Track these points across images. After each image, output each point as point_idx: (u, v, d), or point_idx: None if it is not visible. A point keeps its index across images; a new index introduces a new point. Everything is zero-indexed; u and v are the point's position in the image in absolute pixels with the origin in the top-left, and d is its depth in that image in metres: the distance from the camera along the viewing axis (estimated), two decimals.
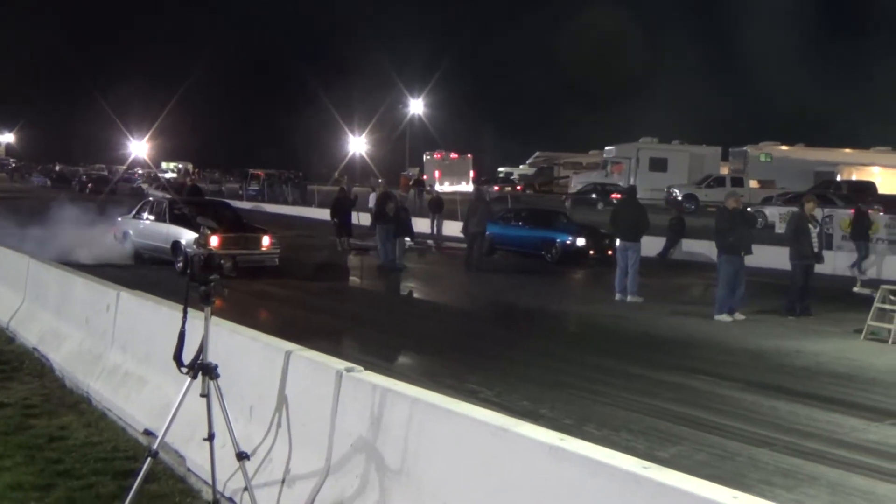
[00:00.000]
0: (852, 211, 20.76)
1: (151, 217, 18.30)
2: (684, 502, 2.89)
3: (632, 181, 39.22)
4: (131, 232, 18.89)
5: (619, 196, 31.75)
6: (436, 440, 4.02)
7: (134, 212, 19.34)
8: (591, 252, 20.25)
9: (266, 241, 17.20)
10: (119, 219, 20.04)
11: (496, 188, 47.94)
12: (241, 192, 46.08)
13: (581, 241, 20.62)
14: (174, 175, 54.70)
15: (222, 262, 4.70)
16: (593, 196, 40.20)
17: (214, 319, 4.90)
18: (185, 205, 18.55)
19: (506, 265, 20.76)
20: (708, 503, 2.82)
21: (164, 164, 72.46)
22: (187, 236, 16.49)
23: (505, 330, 11.89)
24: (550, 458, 3.40)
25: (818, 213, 14.30)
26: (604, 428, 7.06)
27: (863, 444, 6.90)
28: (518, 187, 49.29)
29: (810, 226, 13.51)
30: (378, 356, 9.91)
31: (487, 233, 22.47)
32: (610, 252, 18.69)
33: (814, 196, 15.19)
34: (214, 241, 15.71)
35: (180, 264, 16.38)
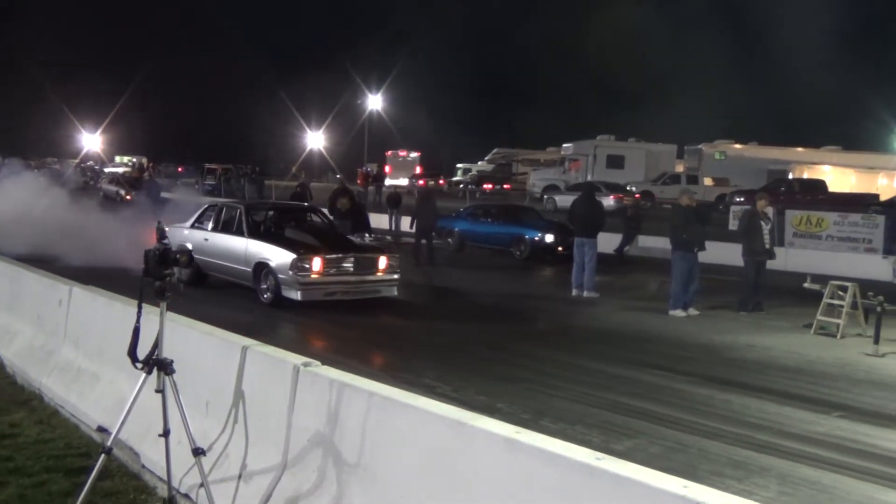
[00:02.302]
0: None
1: (220, 228, 14.07)
2: (636, 492, 2.95)
3: (589, 178, 39.58)
4: (189, 247, 13.72)
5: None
6: (393, 434, 4.05)
7: (193, 220, 14.90)
8: (560, 248, 20.34)
9: (383, 262, 13.05)
10: (169, 228, 16.56)
11: (441, 182, 49.57)
12: (196, 187, 45.54)
13: (550, 238, 20.70)
14: (128, 169, 53.84)
15: (178, 257, 4.66)
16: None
17: (170, 315, 4.86)
18: (264, 211, 14.83)
19: (472, 261, 20.81)
20: (659, 493, 2.89)
21: (118, 158, 71.32)
22: (278, 257, 12.46)
23: (462, 325, 11.94)
24: (506, 450, 3.44)
25: (770, 210, 14.52)
26: (560, 422, 7.14)
27: (811, 435, 7.06)
28: (488, 186, 49.40)
29: (762, 223, 13.74)
30: (336, 352, 9.91)
31: (457, 228, 22.54)
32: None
33: (765, 193, 15.44)
34: (317, 264, 12.26)
35: (268, 295, 12.63)
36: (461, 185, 51.73)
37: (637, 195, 36.10)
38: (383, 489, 3.99)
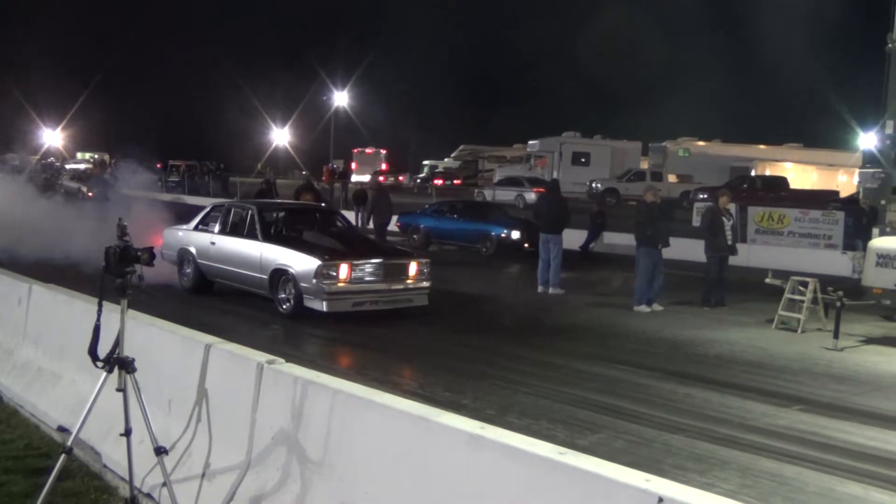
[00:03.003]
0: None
1: (228, 231, 12.81)
2: (599, 486, 2.98)
3: (555, 175, 39.75)
4: (194, 251, 13.21)
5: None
6: (357, 431, 4.04)
7: (197, 221, 13.63)
8: (526, 245, 20.37)
9: (413, 268, 11.95)
10: (167, 230, 14.42)
11: (400, 179, 51.21)
12: (160, 184, 45.08)
13: (516, 234, 20.73)
14: (89, 165, 53.07)
15: (140, 255, 4.61)
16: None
17: (131, 312, 4.82)
18: (277, 212, 13.37)
19: (437, 258, 20.77)
20: (621, 486, 2.91)
21: (79, 155, 70.31)
22: (300, 264, 11.21)
23: (427, 323, 11.93)
24: (470, 446, 3.45)
25: (732, 206, 14.69)
26: (525, 417, 7.17)
27: (772, 429, 7.15)
28: (457, 181, 49.60)
29: (724, 219, 13.89)
30: (301, 350, 9.87)
31: (422, 225, 22.51)
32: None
33: (727, 190, 15.62)
34: (343, 271, 11.14)
35: (288, 305, 11.45)
36: (416, 182, 52.23)
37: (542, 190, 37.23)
38: (348, 486, 3.98)
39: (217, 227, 13.03)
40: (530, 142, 49.10)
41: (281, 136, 59.31)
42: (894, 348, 10.82)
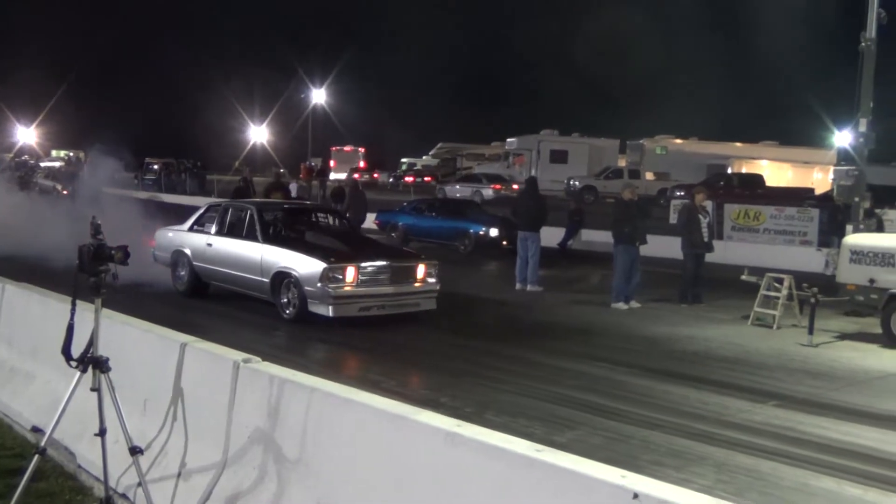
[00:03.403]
0: None
1: (226, 231, 12.35)
2: (576, 483, 2.98)
3: (533, 172, 39.84)
4: (189, 252, 12.72)
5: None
6: (334, 430, 4.03)
7: (191, 222, 13.16)
8: (505, 242, 20.38)
9: (421, 270, 11.48)
10: (160, 230, 13.88)
11: (375, 176, 52.60)
12: (136, 182, 44.75)
13: (494, 232, 20.74)
14: (63, 163, 52.53)
15: (113, 253, 4.56)
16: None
17: (106, 311, 4.77)
18: (277, 212, 12.83)
19: None
20: (598, 483, 2.92)
21: (54, 152, 69.59)
22: (305, 267, 10.72)
23: (406, 321, 11.91)
24: (447, 444, 3.45)
25: (708, 204, 14.78)
26: (503, 415, 7.17)
27: (748, 424, 7.21)
28: (427, 178, 49.76)
29: (700, 217, 13.97)
30: (277, 347, 9.83)
31: (400, 223, 22.48)
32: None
33: (703, 188, 15.71)
34: (350, 274, 10.69)
35: (291, 310, 10.97)
36: (390, 179, 52.59)
37: (515, 185, 39.39)
38: (325, 485, 3.97)
39: (214, 228, 12.57)
40: (508, 140, 49.26)
41: (259, 134, 59.05)
42: (868, 344, 10.93)
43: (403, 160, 62.40)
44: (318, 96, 55.65)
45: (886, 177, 26.09)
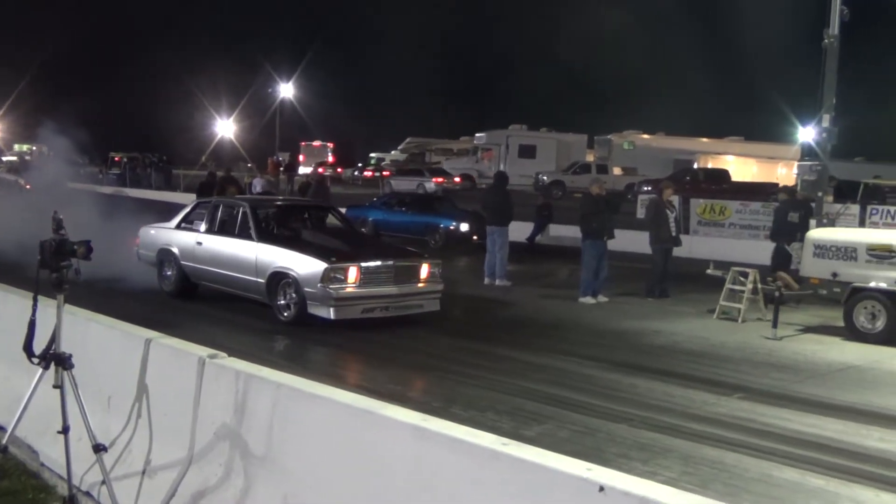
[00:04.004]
0: None
1: (216, 229, 11.83)
2: (542, 476, 3.00)
3: (502, 167, 39.94)
4: (177, 251, 12.18)
5: None
6: (301, 425, 4.02)
7: (179, 219, 12.62)
8: (475, 237, 20.32)
9: (425, 270, 11.05)
10: (144, 228, 13.25)
11: (339, 171, 52.34)
12: (101, 177, 44.22)
13: (465, 227, 20.71)
14: (28, 157, 51.72)
15: (76, 248, 4.50)
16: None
17: (69, 308, 4.72)
18: (271, 209, 12.42)
19: None
20: (563, 476, 2.94)
21: (17, 147, 68.51)
22: (304, 266, 10.27)
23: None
24: (414, 437, 3.45)
25: (675, 199, 14.91)
26: (470, 409, 7.19)
27: (713, 417, 7.29)
28: (457, 178, 49.74)
29: (668, 211, 14.09)
30: (249, 344, 9.75)
31: (370, 218, 22.38)
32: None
33: (670, 182, 15.86)
34: (352, 274, 10.25)
35: (289, 312, 10.52)
36: (354, 174, 52.72)
37: (457, 178, 41.99)
38: (292, 480, 3.95)
39: (203, 226, 12.01)
40: (477, 134, 49.30)
41: (226, 128, 58.57)
42: (831, 337, 11.09)
43: (372, 155, 62.22)
44: (286, 90, 55.34)
45: (849, 172, 26.49)
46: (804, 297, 11.91)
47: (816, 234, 12.23)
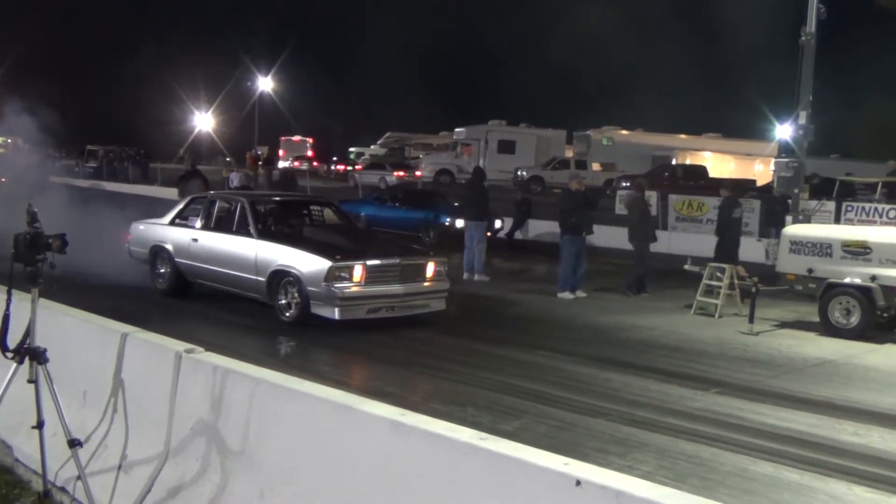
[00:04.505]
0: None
1: (213, 226, 11.42)
2: (519, 470, 3.01)
3: (481, 163, 39.96)
4: (171, 248, 11.77)
5: None
6: (279, 420, 4.00)
7: (173, 215, 12.18)
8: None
9: (431, 268, 10.68)
10: (136, 224, 12.82)
11: (315, 164, 53.60)
12: (77, 170, 43.83)
13: (460, 223, 20.51)
14: (1, 150, 51.15)
15: (50, 242, 4.46)
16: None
17: (44, 302, 4.67)
18: (270, 205, 11.88)
19: None
20: (541, 470, 2.95)
21: None
22: (308, 265, 9.86)
23: None
24: (392, 432, 3.45)
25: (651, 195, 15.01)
26: (450, 404, 7.20)
27: (690, 411, 7.34)
28: (418, 172, 49.63)
29: (650, 208, 14.17)
30: (228, 339, 9.70)
31: (363, 213, 22.20)
32: (489, 234, 18.04)
33: (644, 179, 15.97)
34: (358, 272, 9.82)
35: (291, 312, 10.12)
36: (328, 169, 52.93)
37: (418, 172, 43.08)
38: (269, 475, 3.94)
39: (199, 222, 11.56)
40: (457, 129, 49.22)
41: (204, 122, 58.21)
42: (806, 332, 11.20)
43: (352, 149, 62.10)
44: (265, 84, 55.09)
45: (825, 169, 26.73)
46: (776, 291, 11.98)
47: (792, 230, 12.34)
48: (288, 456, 3.91)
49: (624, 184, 33.62)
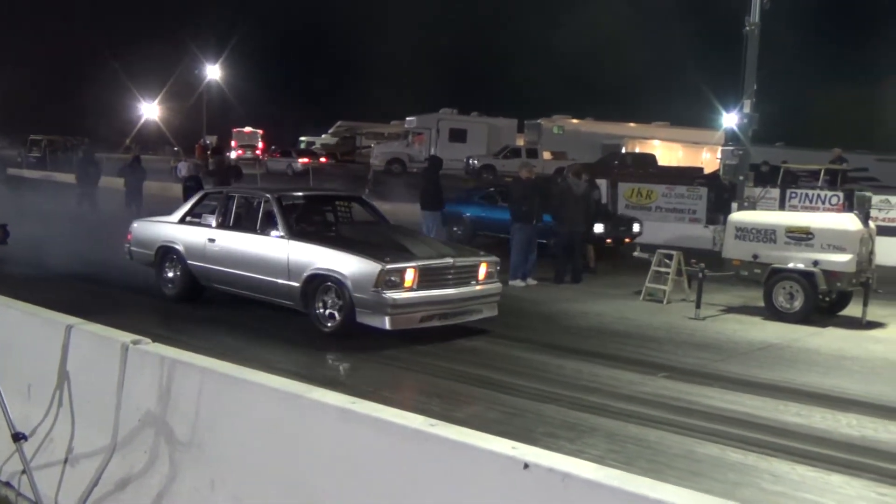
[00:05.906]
0: None
1: (233, 224, 10.34)
2: (468, 455, 3.04)
3: (433, 151, 39.94)
4: (182, 249, 10.61)
5: None
6: (228, 410, 3.99)
7: (184, 212, 11.06)
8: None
9: (483, 269, 9.66)
10: (138, 222, 11.87)
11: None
12: (19, 160, 42.85)
13: (599, 228, 19.90)
14: None
15: (7, 227, 4.36)
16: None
17: None
18: (300, 201, 10.72)
19: None
20: (489, 454, 2.99)
21: None
22: (353, 267, 8.77)
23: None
24: (342, 420, 3.46)
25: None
26: (400, 392, 7.23)
27: (638, 395, 7.45)
28: (323, 159, 49.31)
29: (575, 195, 14.19)
30: (180, 331, 9.59)
31: (468, 214, 21.50)
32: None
33: (581, 167, 16.12)
34: (410, 276, 8.74)
35: (333, 323, 9.06)
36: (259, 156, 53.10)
37: (323, 158, 45.64)
38: (218, 465, 3.92)
39: (216, 220, 10.48)
40: (408, 118, 49.10)
41: (151, 111, 57.26)
42: (752, 317, 11.42)
43: (302, 139, 61.61)
44: (213, 72, 54.32)
45: (770, 157, 27.18)
46: (722, 277, 12.17)
47: (738, 216, 12.55)
48: (238, 445, 3.90)
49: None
